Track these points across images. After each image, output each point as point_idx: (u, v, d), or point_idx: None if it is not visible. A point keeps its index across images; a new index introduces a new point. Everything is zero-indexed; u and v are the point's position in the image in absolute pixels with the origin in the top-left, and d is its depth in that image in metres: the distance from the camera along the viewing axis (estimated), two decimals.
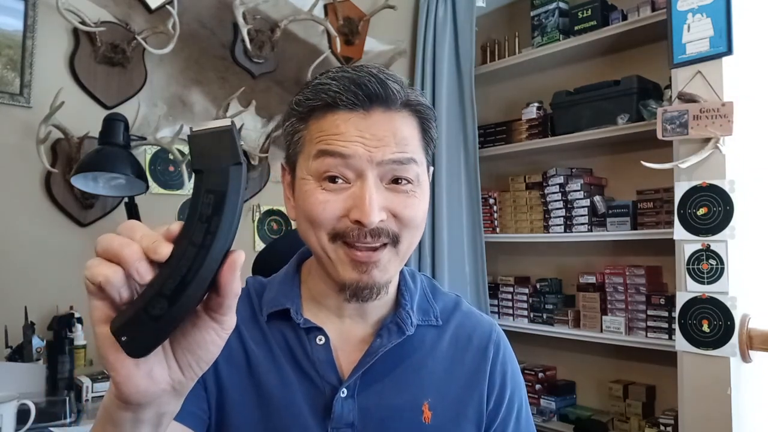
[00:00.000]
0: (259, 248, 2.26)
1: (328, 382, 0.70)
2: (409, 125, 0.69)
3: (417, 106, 0.70)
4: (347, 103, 0.65)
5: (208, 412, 0.70)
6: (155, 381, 0.43)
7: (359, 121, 0.66)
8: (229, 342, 0.71)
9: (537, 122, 2.66)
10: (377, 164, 0.65)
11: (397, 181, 0.67)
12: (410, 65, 2.91)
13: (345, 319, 0.74)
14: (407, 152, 0.67)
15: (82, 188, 1.79)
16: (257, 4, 2.29)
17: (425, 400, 0.72)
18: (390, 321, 0.73)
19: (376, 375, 0.71)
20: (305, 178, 0.67)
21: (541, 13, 2.64)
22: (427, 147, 0.72)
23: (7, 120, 1.82)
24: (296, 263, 0.79)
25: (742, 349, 1.76)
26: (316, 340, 0.71)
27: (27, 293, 1.78)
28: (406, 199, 0.67)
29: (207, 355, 0.45)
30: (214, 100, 2.27)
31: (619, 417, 2.36)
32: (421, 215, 0.69)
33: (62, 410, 1.46)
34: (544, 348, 2.71)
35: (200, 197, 0.39)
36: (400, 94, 0.67)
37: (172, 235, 0.40)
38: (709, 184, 1.82)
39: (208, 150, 0.40)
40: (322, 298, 0.74)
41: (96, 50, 1.97)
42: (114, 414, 0.45)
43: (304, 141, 0.69)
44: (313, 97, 0.67)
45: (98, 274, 0.39)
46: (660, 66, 2.20)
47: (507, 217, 2.76)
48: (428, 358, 0.75)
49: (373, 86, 0.65)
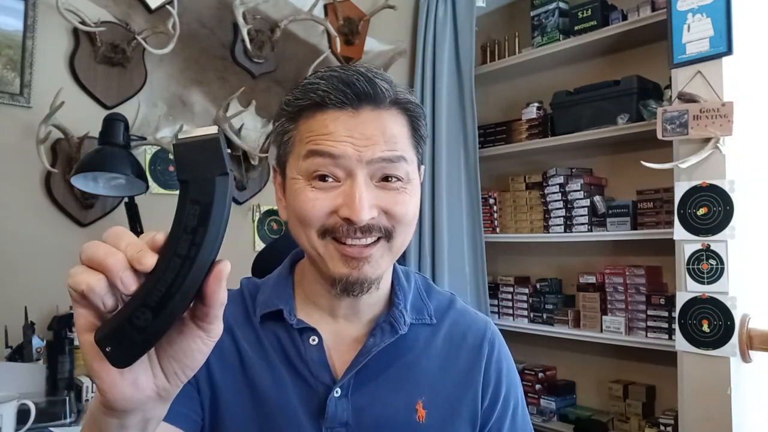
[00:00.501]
0: (259, 248, 2.26)
1: (321, 382, 0.70)
2: (399, 123, 0.69)
3: (406, 104, 0.70)
4: (336, 102, 0.66)
5: (201, 413, 0.70)
6: (140, 388, 0.43)
7: (348, 120, 0.66)
8: (222, 343, 0.71)
9: (537, 122, 2.66)
10: (367, 163, 0.65)
11: (388, 179, 0.67)
12: (410, 65, 2.91)
13: (339, 319, 0.74)
14: (396, 150, 0.67)
15: (82, 188, 1.79)
16: (257, 4, 2.29)
17: (419, 399, 0.72)
18: (383, 320, 0.73)
19: (370, 374, 0.71)
20: (295, 177, 0.68)
21: (541, 13, 2.64)
22: (417, 145, 0.72)
23: (7, 120, 1.82)
24: (289, 264, 0.79)
25: (742, 349, 1.76)
26: (309, 340, 0.71)
27: (27, 293, 1.78)
28: (397, 196, 0.67)
29: (192, 362, 0.45)
30: (214, 100, 2.27)
31: (619, 417, 2.36)
32: (412, 212, 0.69)
33: (62, 410, 1.46)
34: (544, 348, 2.71)
35: (186, 208, 0.39)
36: (388, 93, 0.68)
37: (157, 244, 0.40)
38: (709, 184, 1.82)
39: (194, 159, 0.39)
40: (316, 298, 0.74)
41: (96, 50, 1.97)
42: (100, 420, 0.46)
43: (294, 141, 0.69)
44: (302, 97, 0.68)
45: (81, 282, 0.38)
46: (660, 66, 2.20)
47: (507, 217, 2.76)
48: (422, 356, 0.75)
49: (362, 85, 0.66)
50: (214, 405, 0.70)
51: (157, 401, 0.45)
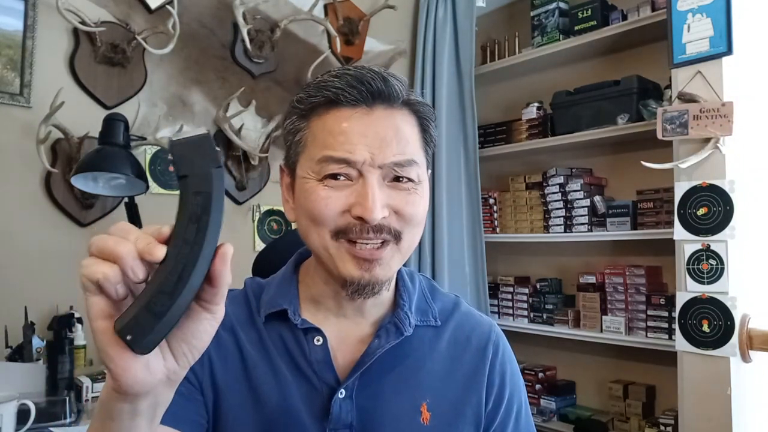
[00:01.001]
0: (259, 248, 2.26)
1: (325, 382, 0.70)
2: (410, 124, 0.69)
3: (417, 105, 0.70)
4: (350, 99, 0.66)
5: (206, 416, 0.70)
6: (152, 371, 0.45)
7: (362, 118, 0.66)
8: (225, 344, 0.71)
9: (537, 122, 2.66)
10: (379, 166, 0.66)
11: (399, 179, 0.67)
12: (410, 65, 2.91)
13: (343, 320, 0.73)
14: (407, 154, 0.67)
15: (82, 188, 1.78)
16: (257, 4, 2.29)
17: (424, 401, 0.71)
18: (388, 321, 0.73)
19: (375, 375, 0.71)
20: (306, 176, 0.67)
21: (541, 13, 2.64)
22: (426, 147, 0.72)
23: (7, 120, 1.82)
24: (294, 264, 0.79)
25: (742, 349, 1.76)
26: (313, 340, 0.71)
27: (27, 293, 1.78)
28: (408, 197, 0.67)
29: (200, 343, 0.47)
30: (214, 100, 2.27)
31: (619, 417, 2.36)
32: (422, 212, 0.69)
33: (62, 410, 1.46)
34: (544, 348, 2.71)
35: (189, 199, 0.43)
36: (401, 92, 0.68)
37: (163, 236, 0.43)
38: (709, 184, 1.82)
39: (190, 156, 0.43)
40: (321, 299, 0.74)
41: (96, 50, 1.97)
42: (112, 408, 0.47)
43: (306, 141, 0.69)
44: (316, 94, 0.67)
45: (97, 272, 0.41)
46: (660, 66, 2.20)
47: (507, 217, 2.76)
48: (427, 358, 0.74)
49: (376, 83, 0.66)
50: (216, 407, 0.70)
51: (166, 384, 0.47)
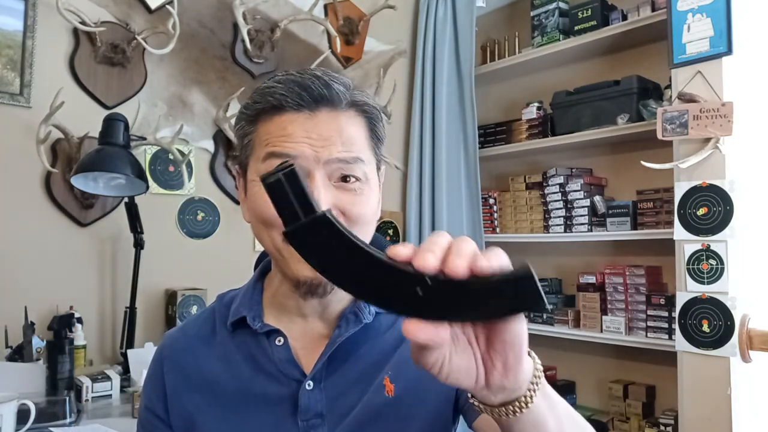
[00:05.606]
0: (260, 249, 2.26)
1: (292, 378, 0.71)
2: (356, 125, 0.70)
3: (363, 106, 0.71)
4: (293, 104, 0.67)
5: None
6: None
7: (305, 121, 0.67)
8: (185, 369, 0.74)
9: (537, 122, 2.66)
10: (324, 163, 0.66)
11: (345, 179, 0.68)
12: (410, 65, 2.91)
13: (307, 318, 0.75)
14: (353, 151, 0.68)
15: (82, 188, 1.79)
16: (257, 4, 2.29)
17: (386, 375, 0.72)
18: (348, 311, 0.74)
19: (338, 363, 0.72)
20: (255, 179, 0.69)
21: (541, 13, 2.64)
22: (375, 146, 0.73)
23: (7, 120, 1.82)
24: (261, 271, 0.81)
25: (742, 349, 1.76)
26: (275, 341, 0.73)
27: (27, 293, 1.78)
28: (354, 197, 0.68)
29: None
30: (214, 100, 2.27)
31: (619, 417, 2.36)
32: (370, 212, 0.70)
33: (62, 410, 1.46)
34: (544, 348, 2.71)
35: None
36: (345, 95, 0.69)
37: None
38: (709, 184, 1.82)
39: None
40: (284, 300, 0.75)
41: (96, 50, 1.97)
42: None
43: (254, 144, 0.70)
44: (261, 100, 0.69)
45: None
46: (660, 66, 2.20)
47: (507, 217, 2.76)
48: (388, 337, 0.76)
49: (318, 88, 0.67)
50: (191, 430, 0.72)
51: None
